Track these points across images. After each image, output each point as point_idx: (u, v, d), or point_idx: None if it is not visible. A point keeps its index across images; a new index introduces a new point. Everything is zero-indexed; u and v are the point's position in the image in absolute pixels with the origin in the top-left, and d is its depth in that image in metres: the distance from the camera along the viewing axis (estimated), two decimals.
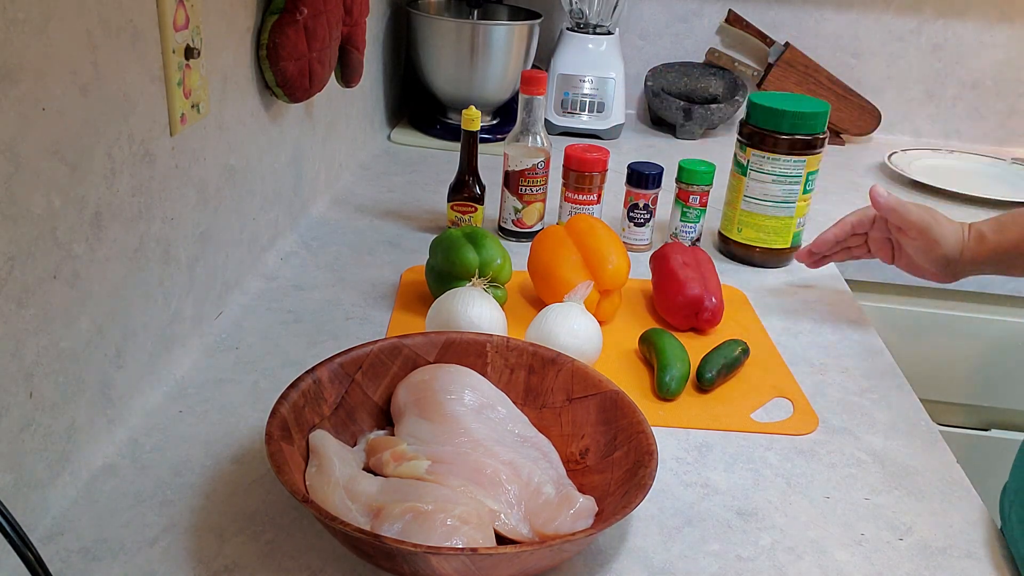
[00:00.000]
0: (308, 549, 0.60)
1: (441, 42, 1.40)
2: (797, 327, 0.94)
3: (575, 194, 1.07)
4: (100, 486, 0.64)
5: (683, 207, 1.07)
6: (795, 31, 1.67)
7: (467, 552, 0.51)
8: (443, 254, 0.88)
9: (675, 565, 0.61)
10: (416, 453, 0.62)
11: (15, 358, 0.55)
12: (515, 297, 0.96)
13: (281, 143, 0.99)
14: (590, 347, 0.79)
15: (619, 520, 0.55)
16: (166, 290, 0.74)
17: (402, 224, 1.13)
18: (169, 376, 0.76)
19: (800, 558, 0.62)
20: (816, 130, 1.02)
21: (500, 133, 1.46)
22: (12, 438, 0.56)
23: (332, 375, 0.66)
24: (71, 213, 0.59)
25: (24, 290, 0.55)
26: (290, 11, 0.86)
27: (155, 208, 0.71)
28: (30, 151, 0.54)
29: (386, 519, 0.56)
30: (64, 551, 0.58)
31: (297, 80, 0.91)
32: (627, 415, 0.65)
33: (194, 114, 0.75)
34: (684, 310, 0.90)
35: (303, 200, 1.09)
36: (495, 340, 0.72)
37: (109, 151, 0.63)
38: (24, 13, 0.52)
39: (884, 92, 1.69)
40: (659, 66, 1.68)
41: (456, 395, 0.67)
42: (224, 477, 0.66)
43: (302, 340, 0.85)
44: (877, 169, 1.53)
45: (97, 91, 0.61)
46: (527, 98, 1.04)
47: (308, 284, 0.96)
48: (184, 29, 0.71)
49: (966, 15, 1.62)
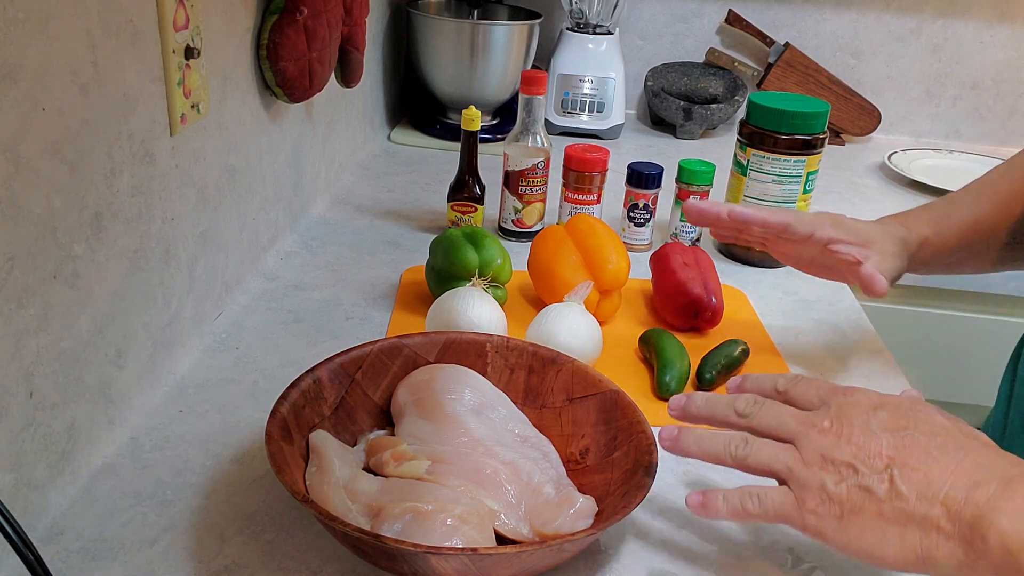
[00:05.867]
0: (308, 549, 0.60)
1: (441, 42, 1.40)
2: (797, 327, 0.94)
3: (575, 194, 1.07)
4: (100, 486, 0.64)
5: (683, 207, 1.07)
6: (795, 31, 1.67)
7: (467, 552, 0.51)
8: (443, 254, 0.88)
9: (675, 565, 0.61)
10: (416, 453, 0.62)
11: (15, 358, 0.55)
12: (515, 297, 0.96)
13: (281, 143, 0.99)
14: (590, 347, 0.79)
15: (619, 520, 0.55)
16: (166, 290, 0.74)
17: (402, 224, 1.13)
18: (169, 376, 0.76)
19: (800, 558, 0.62)
20: (816, 130, 1.02)
21: (500, 133, 1.46)
22: (12, 438, 0.56)
23: (332, 375, 0.66)
24: (71, 213, 0.59)
25: (24, 290, 0.55)
26: (290, 11, 0.86)
27: (155, 208, 0.71)
28: (30, 151, 0.54)
29: (386, 519, 0.56)
30: (64, 551, 0.58)
31: (297, 80, 0.91)
32: (627, 415, 0.65)
33: (194, 114, 0.75)
34: (684, 310, 0.90)
35: (303, 200, 1.09)
36: (495, 340, 0.72)
37: (109, 151, 0.63)
38: (24, 13, 0.52)
39: (884, 92, 1.69)
40: (659, 66, 1.68)
41: (456, 395, 0.67)
42: (224, 477, 0.66)
43: (302, 340, 0.85)
44: (877, 169, 1.53)
45: (97, 91, 0.61)
46: (527, 98, 1.04)
47: (308, 284, 0.96)
48: (184, 29, 0.71)
49: (966, 15, 1.62)
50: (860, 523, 0.50)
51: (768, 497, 0.53)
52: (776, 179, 1.03)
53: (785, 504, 0.52)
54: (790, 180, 1.03)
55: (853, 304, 1.01)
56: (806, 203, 1.06)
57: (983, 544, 0.46)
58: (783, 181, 1.03)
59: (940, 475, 0.48)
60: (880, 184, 1.46)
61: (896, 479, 0.49)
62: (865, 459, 0.50)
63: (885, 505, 0.49)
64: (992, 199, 0.80)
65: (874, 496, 0.49)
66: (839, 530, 0.50)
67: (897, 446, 0.50)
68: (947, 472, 0.49)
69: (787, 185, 1.03)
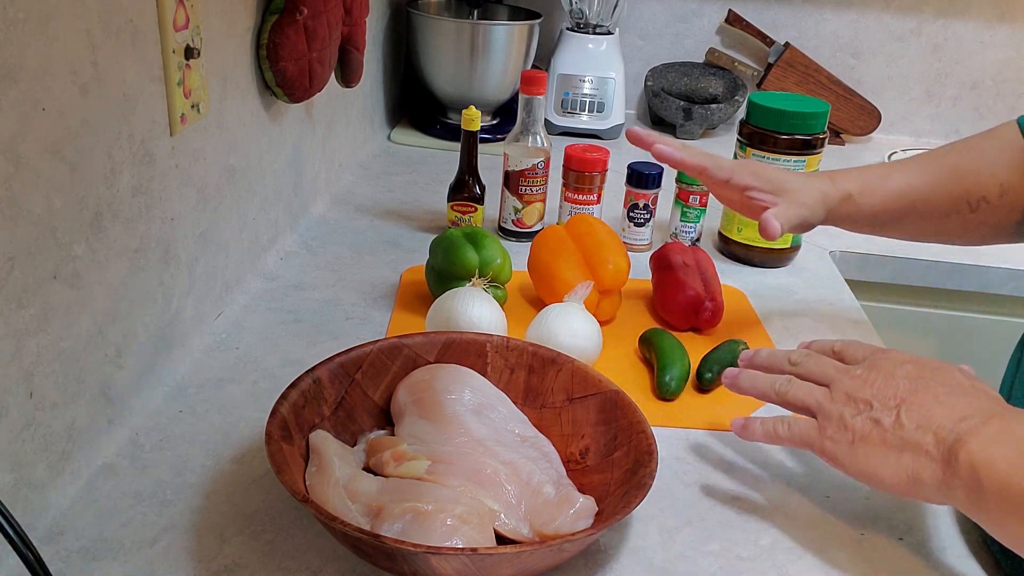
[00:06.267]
0: (308, 549, 0.60)
1: (441, 42, 1.40)
2: (797, 327, 0.94)
3: (575, 194, 1.07)
4: (100, 486, 0.64)
5: (683, 207, 1.07)
6: (795, 31, 1.67)
7: (467, 552, 0.51)
8: (443, 254, 0.88)
9: (675, 565, 0.61)
10: (416, 453, 0.62)
11: (15, 358, 0.55)
12: (515, 297, 0.96)
13: (281, 143, 0.99)
14: (590, 347, 0.79)
15: (619, 520, 0.55)
16: (166, 290, 0.74)
17: (402, 224, 1.13)
18: (169, 376, 0.76)
19: (800, 558, 0.62)
20: (816, 130, 1.02)
21: (500, 133, 1.46)
22: (12, 438, 0.56)
23: (332, 375, 0.66)
24: (71, 213, 0.59)
25: (24, 290, 0.55)
26: (290, 11, 0.86)
27: (155, 208, 0.71)
28: (30, 151, 0.54)
29: (386, 519, 0.56)
30: (64, 551, 0.58)
31: (297, 80, 0.91)
32: (627, 415, 0.65)
33: (194, 114, 0.75)
34: (684, 310, 0.90)
35: (303, 200, 1.09)
36: (495, 340, 0.72)
37: (109, 151, 0.63)
38: (24, 13, 0.52)
39: (884, 92, 1.69)
40: (659, 66, 1.68)
41: (456, 395, 0.67)
42: (224, 477, 0.66)
43: (302, 340, 0.85)
44: None
45: (97, 91, 0.61)
46: (527, 98, 1.04)
47: (308, 284, 0.96)
48: (184, 29, 0.71)
49: (966, 15, 1.62)
50: (867, 449, 0.58)
51: (797, 424, 0.62)
52: None
53: (810, 431, 0.61)
54: None
55: (853, 304, 1.01)
56: None
57: (956, 463, 0.53)
58: None
59: (939, 412, 0.56)
60: None
61: (902, 414, 0.57)
62: (881, 398, 0.59)
63: (889, 434, 0.57)
64: (931, 171, 0.82)
65: (881, 426, 0.58)
66: (849, 454, 0.59)
67: (911, 390, 0.58)
68: (945, 410, 0.56)
69: None
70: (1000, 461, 0.51)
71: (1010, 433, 0.53)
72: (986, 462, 0.52)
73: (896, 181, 0.82)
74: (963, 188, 0.81)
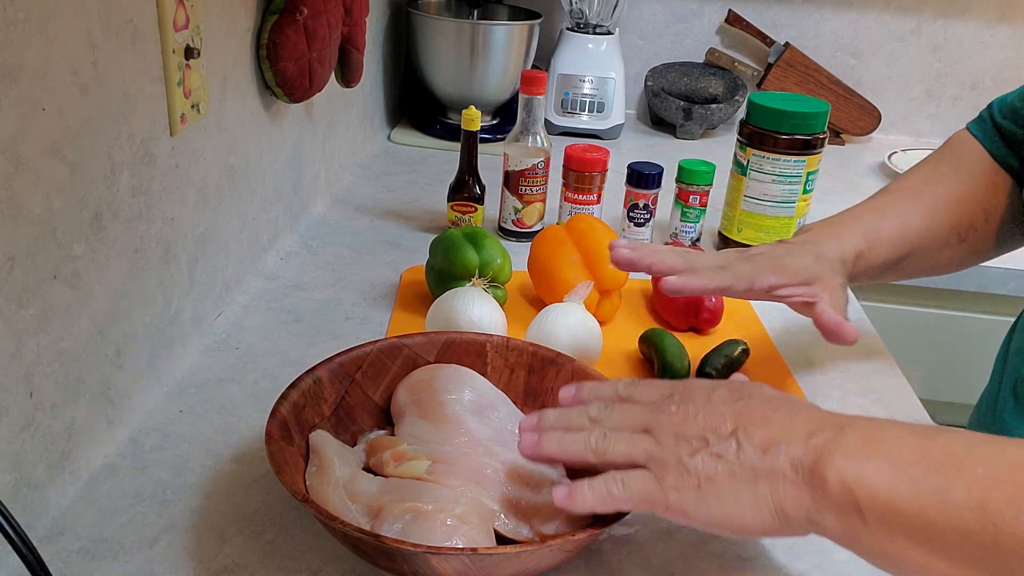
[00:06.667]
0: (308, 549, 0.60)
1: (441, 42, 1.40)
2: (797, 327, 0.94)
3: (575, 194, 1.07)
4: (100, 486, 0.64)
5: (683, 207, 1.07)
6: (795, 31, 1.67)
7: (467, 552, 0.51)
8: (443, 254, 0.88)
9: (675, 565, 0.61)
10: (416, 453, 0.62)
11: (15, 358, 0.55)
12: (515, 297, 0.96)
13: (281, 143, 0.99)
14: (590, 347, 0.79)
15: (619, 520, 0.55)
16: (166, 290, 0.74)
17: (402, 224, 1.13)
18: (169, 376, 0.76)
19: (800, 558, 0.62)
20: (816, 130, 1.02)
21: (500, 133, 1.46)
22: (12, 438, 0.56)
23: (332, 375, 0.66)
24: (71, 213, 0.59)
25: (24, 290, 0.55)
26: (290, 11, 0.86)
27: (155, 208, 0.71)
28: (30, 151, 0.54)
29: (386, 519, 0.56)
30: (64, 551, 0.58)
31: (297, 80, 0.91)
32: None
33: (194, 114, 0.75)
34: (684, 310, 0.90)
35: (303, 200, 1.09)
36: (495, 340, 0.72)
37: (109, 151, 0.63)
38: (24, 13, 0.52)
39: (884, 92, 1.69)
40: (659, 66, 1.68)
41: (456, 395, 0.67)
42: (224, 477, 0.66)
43: (302, 340, 0.85)
44: (877, 169, 1.53)
45: (97, 91, 0.61)
46: (527, 98, 1.04)
47: (308, 284, 0.96)
48: (184, 29, 0.71)
49: (966, 15, 1.62)
50: (717, 490, 0.51)
51: (631, 479, 0.53)
52: (776, 179, 1.03)
53: (647, 485, 0.52)
54: (790, 180, 1.03)
55: (853, 304, 1.01)
56: (806, 203, 1.06)
57: (824, 485, 0.48)
58: (783, 181, 1.03)
59: (779, 431, 0.51)
60: (880, 184, 1.45)
61: (742, 441, 0.51)
62: (712, 429, 0.52)
63: (735, 465, 0.51)
64: (921, 208, 0.80)
65: (725, 460, 0.51)
66: (699, 501, 0.51)
67: (738, 413, 0.53)
68: (784, 428, 0.51)
69: (787, 185, 1.03)
70: (874, 475, 0.46)
71: (875, 442, 0.48)
72: (859, 479, 0.46)
73: (891, 224, 0.79)
74: (954, 219, 0.80)
